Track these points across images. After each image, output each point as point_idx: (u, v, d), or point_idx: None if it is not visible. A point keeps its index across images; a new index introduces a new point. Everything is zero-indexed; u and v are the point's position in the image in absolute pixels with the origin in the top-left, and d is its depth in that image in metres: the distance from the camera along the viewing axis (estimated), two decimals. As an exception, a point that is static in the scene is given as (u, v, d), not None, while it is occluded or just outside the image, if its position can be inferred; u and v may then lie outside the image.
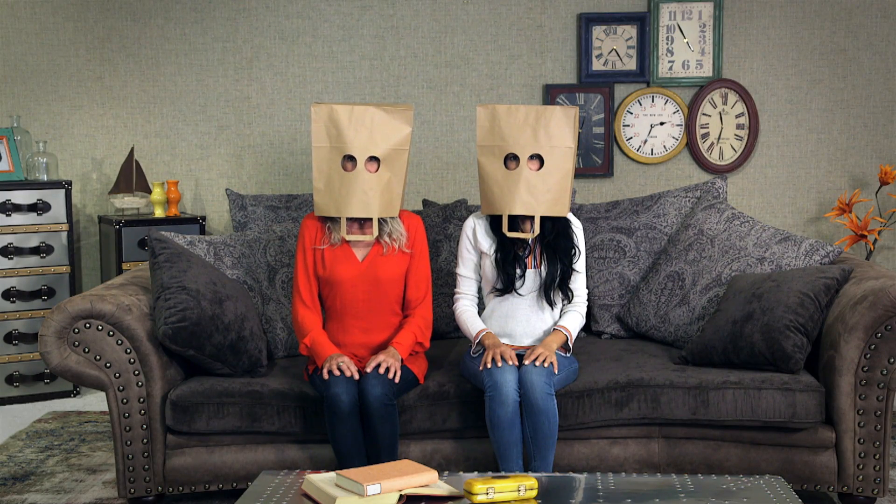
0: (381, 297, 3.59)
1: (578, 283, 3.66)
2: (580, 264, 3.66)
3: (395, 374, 3.41)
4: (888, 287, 3.39)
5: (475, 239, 3.66)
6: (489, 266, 3.62)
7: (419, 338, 3.58)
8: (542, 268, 3.60)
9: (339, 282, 3.56)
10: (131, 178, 5.29)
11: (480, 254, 3.65)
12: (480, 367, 3.45)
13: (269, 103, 5.53)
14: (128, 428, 3.53)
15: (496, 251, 3.61)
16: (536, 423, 3.33)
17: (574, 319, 3.62)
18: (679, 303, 3.96)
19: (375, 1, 5.48)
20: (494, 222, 3.63)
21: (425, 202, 4.46)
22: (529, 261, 3.60)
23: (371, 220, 3.52)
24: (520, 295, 3.60)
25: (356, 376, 3.37)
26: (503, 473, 2.90)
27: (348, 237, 3.52)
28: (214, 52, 5.49)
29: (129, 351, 3.50)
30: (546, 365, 3.41)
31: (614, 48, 5.49)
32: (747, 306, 3.60)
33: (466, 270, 3.69)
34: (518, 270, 3.58)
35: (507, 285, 3.59)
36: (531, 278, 3.60)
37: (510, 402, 3.34)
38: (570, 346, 3.59)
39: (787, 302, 3.53)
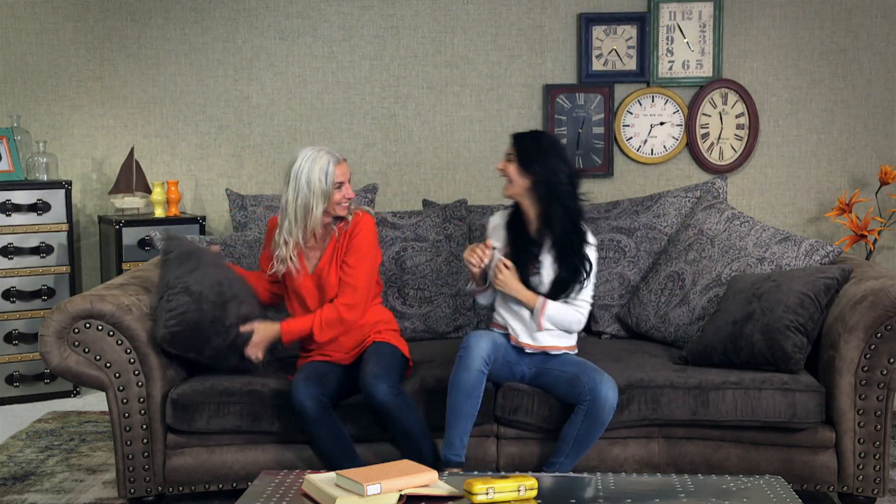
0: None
1: (584, 292, 3.61)
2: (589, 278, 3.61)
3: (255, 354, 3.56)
4: (888, 287, 3.39)
5: (491, 234, 3.68)
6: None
7: (324, 314, 3.56)
8: (552, 273, 3.58)
9: (295, 290, 3.64)
10: (131, 178, 5.29)
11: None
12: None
13: (269, 103, 5.53)
14: (128, 428, 3.53)
15: (509, 249, 3.60)
16: (592, 428, 3.36)
17: (560, 305, 3.55)
18: (679, 303, 3.96)
19: (375, 1, 5.48)
20: (511, 221, 3.62)
21: (425, 202, 4.46)
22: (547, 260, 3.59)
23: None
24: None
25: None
26: (502, 473, 2.89)
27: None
28: (214, 52, 5.50)
29: (129, 351, 3.49)
30: (498, 270, 3.48)
31: (614, 48, 5.50)
32: (747, 306, 3.60)
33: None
34: (535, 269, 3.56)
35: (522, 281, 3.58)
36: (545, 279, 3.58)
37: (474, 370, 3.34)
38: (537, 320, 3.53)
39: (787, 302, 3.53)
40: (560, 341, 3.58)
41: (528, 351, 3.58)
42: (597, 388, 3.35)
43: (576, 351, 3.65)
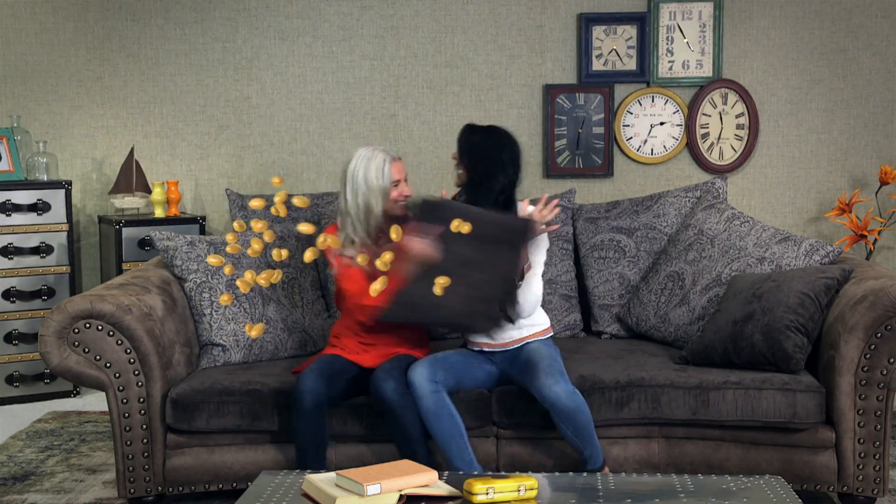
0: None
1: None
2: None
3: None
4: (888, 287, 3.39)
5: None
6: None
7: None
8: None
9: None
10: (131, 178, 5.29)
11: None
12: None
13: (269, 103, 5.53)
14: (128, 428, 3.53)
15: None
16: (574, 422, 3.35)
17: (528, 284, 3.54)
18: (679, 303, 3.96)
19: (375, 1, 5.48)
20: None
21: (425, 202, 4.46)
22: None
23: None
24: None
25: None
26: (502, 473, 2.89)
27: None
28: (214, 52, 5.50)
29: (129, 351, 3.49)
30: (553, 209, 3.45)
31: (614, 48, 5.49)
32: (747, 306, 3.60)
33: None
34: None
35: None
36: None
37: (426, 394, 3.36)
38: (522, 273, 3.50)
39: (788, 302, 3.53)
40: (521, 333, 3.60)
41: (486, 350, 3.61)
42: (545, 393, 3.34)
43: (546, 335, 3.64)
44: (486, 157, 3.53)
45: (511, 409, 3.52)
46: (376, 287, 3.00)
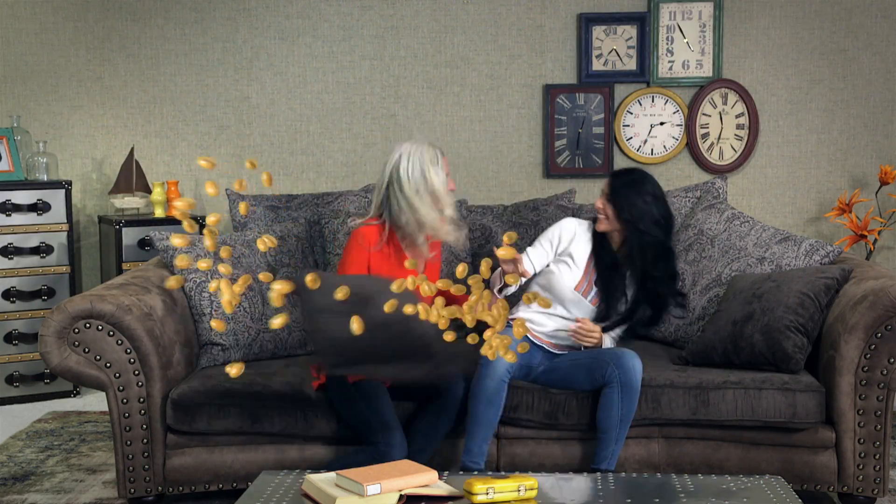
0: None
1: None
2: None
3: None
4: (888, 287, 3.39)
5: (567, 241, 3.69)
6: (568, 272, 3.65)
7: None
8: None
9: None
10: (131, 178, 5.29)
11: (558, 257, 3.69)
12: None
13: (269, 103, 5.53)
14: (128, 428, 3.53)
15: (595, 273, 3.66)
16: (630, 406, 3.38)
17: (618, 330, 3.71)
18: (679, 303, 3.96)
19: (375, 1, 5.48)
20: (596, 244, 3.67)
21: (425, 202, 4.45)
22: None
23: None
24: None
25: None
26: (502, 473, 2.89)
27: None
28: (214, 52, 5.50)
29: (129, 351, 3.49)
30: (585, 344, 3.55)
31: (614, 48, 5.49)
32: (747, 306, 3.60)
33: (535, 257, 3.67)
34: (625, 299, 3.67)
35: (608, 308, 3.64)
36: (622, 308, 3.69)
37: (497, 379, 3.36)
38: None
39: (787, 302, 3.53)
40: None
41: (546, 347, 3.62)
42: (620, 360, 3.40)
43: None
44: (635, 211, 3.58)
45: (515, 405, 3.52)
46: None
